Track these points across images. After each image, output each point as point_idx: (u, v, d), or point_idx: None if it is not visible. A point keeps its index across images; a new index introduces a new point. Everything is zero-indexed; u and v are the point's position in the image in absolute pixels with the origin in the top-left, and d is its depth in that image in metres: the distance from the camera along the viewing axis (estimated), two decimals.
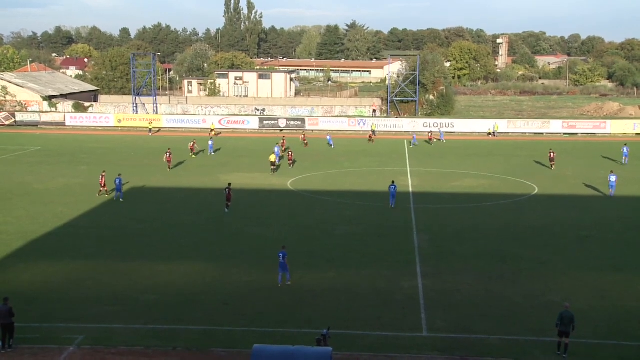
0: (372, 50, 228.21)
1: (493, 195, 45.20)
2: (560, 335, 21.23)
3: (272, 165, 52.74)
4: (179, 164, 56.48)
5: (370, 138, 72.76)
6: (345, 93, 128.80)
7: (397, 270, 29.31)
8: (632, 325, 23.43)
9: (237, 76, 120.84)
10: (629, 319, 23.98)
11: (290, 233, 35.49)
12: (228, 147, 66.01)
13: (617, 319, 24.00)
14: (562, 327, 21.16)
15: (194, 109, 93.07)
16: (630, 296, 26.27)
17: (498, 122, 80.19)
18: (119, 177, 43.31)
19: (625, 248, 32.83)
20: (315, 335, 20.16)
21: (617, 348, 21.73)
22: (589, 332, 22.78)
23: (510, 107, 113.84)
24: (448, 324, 23.66)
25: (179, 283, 27.60)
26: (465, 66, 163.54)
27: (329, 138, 68.77)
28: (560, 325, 21.21)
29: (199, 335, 22.59)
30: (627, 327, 23.26)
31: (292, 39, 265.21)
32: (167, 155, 54.26)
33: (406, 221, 37.81)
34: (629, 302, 25.63)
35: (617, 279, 28.26)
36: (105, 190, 43.91)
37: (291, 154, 56.34)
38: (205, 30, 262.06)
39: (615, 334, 22.71)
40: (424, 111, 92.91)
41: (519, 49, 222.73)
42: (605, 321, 23.84)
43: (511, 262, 30.54)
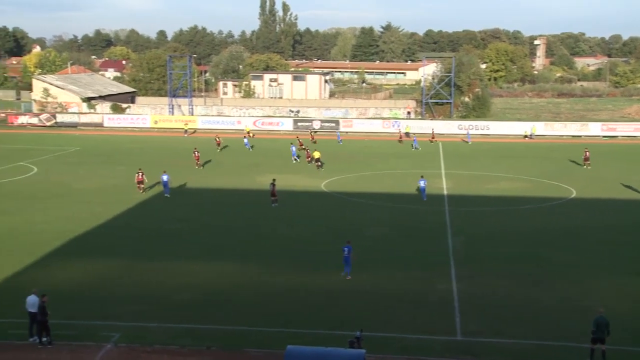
0: (407, 52, 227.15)
1: (529, 198, 44.66)
2: (594, 342, 20.79)
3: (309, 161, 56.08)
4: (214, 165, 57.02)
5: (401, 139, 72.29)
6: (379, 95, 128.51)
7: (431, 273, 29.15)
8: None
9: (271, 78, 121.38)
10: None
11: (323, 234, 35.54)
12: (262, 148, 66.35)
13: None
14: (598, 333, 20.77)
15: (228, 111, 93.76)
16: None
17: (536, 125, 79.20)
18: (165, 173, 44.85)
19: None
20: (347, 337, 20.17)
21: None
22: (626, 339, 22.38)
23: (547, 110, 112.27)
24: (482, 327, 23.45)
25: (213, 283, 27.85)
26: (501, 68, 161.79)
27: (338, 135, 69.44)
28: (596, 332, 20.80)
29: (232, 335, 22.75)
30: None
31: (327, 40, 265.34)
32: (195, 154, 56.07)
33: (440, 223, 37.58)
34: None
35: None
36: (143, 188, 44.82)
37: (308, 151, 57.55)
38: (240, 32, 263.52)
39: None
40: (459, 113, 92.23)
41: (557, 50, 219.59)
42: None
43: (547, 266, 30.15)
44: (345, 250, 28.30)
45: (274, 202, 41.48)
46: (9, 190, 46.13)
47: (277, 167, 56.40)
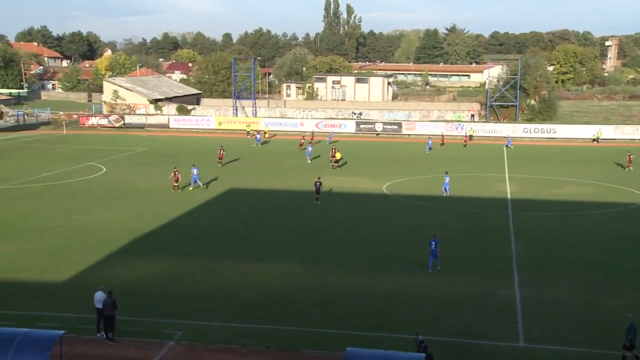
0: (472, 54, 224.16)
1: (596, 203, 43.42)
2: (626, 348, 20.34)
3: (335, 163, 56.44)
4: (275, 166, 57.66)
5: (465, 142, 71.34)
6: (443, 97, 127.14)
7: (493, 278, 28.70)
8: None
9: (334, 80, 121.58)
10: None
11: (384, 237, 35.43)
12: (325, 150, 66.61)
13: None
14: (628, 339, 20.34)
15: (292, 112, 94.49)
16: None
17: (602, 128, 76.95)
18: (194, 167, 47.61)
19: None
20: (406, 341, 20.06)
21: None
22: None
23: (617, 112, 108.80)
24: (545, 334, 22.95)
25: (273, 283, 28.12)
26: (569, 70, 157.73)
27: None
28: (627, 339, 20.33)
29: (291, 335, 22.92)
30: None
31: (391, 42, 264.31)
32: (220, 152, 58.09)
33: (503, 227, 36.94)
34: None
35: None
36: (177, 187, 46.28)
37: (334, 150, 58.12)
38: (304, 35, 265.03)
39: None
40: (524, 116, 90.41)
41: (630, 51, 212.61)
42: None
43: (614, 273, 29.26)
44: (433, 244, 29.46)
45: (317, 199, 42.88)
46: (79, 189, 47.70)
47: (338, 169, 56.47)
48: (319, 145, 68.22)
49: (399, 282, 28.19)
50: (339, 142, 71.98)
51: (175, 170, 47.19)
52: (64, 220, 38.55)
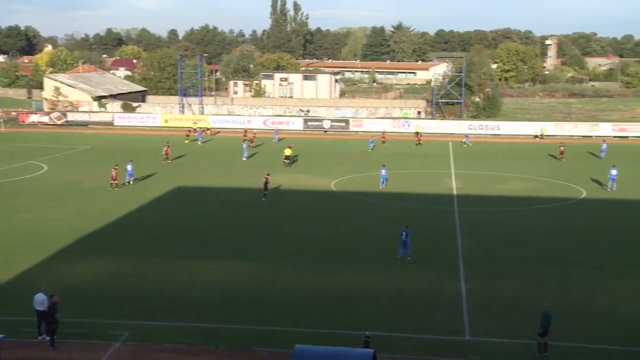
0: (418, 52, 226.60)
1: (540, 198, 44.49)
2: (541, 335, 21.06)
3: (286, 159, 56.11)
4: (224, 164, 57.24)
5: (419, 141, 71.29)
6: (390, 94, 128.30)
7: (441, 273, 29.12)
8: None
9: (282, 77, 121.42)
10: None
11: (335, 234, 35.57)
12: (273, 148, 66.40)
13: None
14: (543, 326, 21.05)
15: (239, 110, 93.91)
16: None
17: (546, 125, 78.87)
18: (130, 162, 47.79)
19: None
20: (357, 338, 20.21)
21: None
22: (636, 340, 22.28)
23: (558, 110, 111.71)
24: (491, 328, 23.41)
25: (224, 282, 27.93)
26: (512, 68, 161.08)
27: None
28: (543, 327, 21.05)
29: (242, 333, 22.81)
30: None
31: (338, 40, 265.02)
32: (166, 148, 58.07)
33: (450, 224, 37.50)
34: None
35: None
36: (116, 184, 45.84)
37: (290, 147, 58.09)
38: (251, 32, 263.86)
39: None
40: (469, 113, 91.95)
41: (569, 50, 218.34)
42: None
43: (558, 267, 30.04)
44: (403, 235, 30.50)
45: (264, 196, 42.97)
46: (21, 188, 46.40)
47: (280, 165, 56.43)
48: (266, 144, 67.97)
49: (349, 279, 28.34)
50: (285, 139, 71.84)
51: (116, 167, 46.54)
52: (7, 219, 37.50)
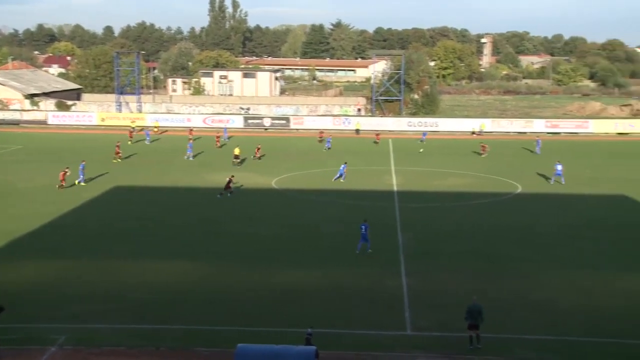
0: (357, 50, 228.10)
1: (477, 194, 45.41)
2: (470, 328, 21.50)
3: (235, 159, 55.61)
4: (161, 163, 56.42)
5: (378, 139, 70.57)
6: (330, 92, 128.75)
7: (382, 269, 29.40)
8: (615, 324, 23.65)
9: (221, 75, 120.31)
10: (612, 317, 24.21)
11: (277, 232, 35.51)
12: (209, 146, 65.77)
13: (600, 317, 24.21)
14: (471, 320, 21.46)
15: (178, 108, 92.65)
16: (613, 294, 26.51)
17: (484, 121, 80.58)
18: (82, 162, 47.06)
19: (608, 246, 33.14)
20: (300, 335, 20.22)
21: (600, 345, 21.93)
22: (573, 330, 23.02)
23: (494, 107, 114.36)
24: (432, 322, 23.77)
25: (166, 282, 27.53)
26: (449, 65, 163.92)
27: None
28: (469, 319, 21.48)
29: (183, 334, 22.53)
30: (610, 325, 23.48)
31: (277, 37, 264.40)
32: (117, 148, 57.46)
33: (391, 220, 37.90)
34: (613, 300, 25.87)
35: (601, 278, 28.49)
36: (62, 186, 44.83)
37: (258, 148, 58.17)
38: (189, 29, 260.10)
39: (599, 332, 22.91)
40: (408, 110, 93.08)
41: (503, 48, 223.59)
42: (589, 319, 24.06)
43: (496, 261, 30.71)
44: (363, 228, 30.86)
45: (221, 194, 42.61)
46: None
47: (228, 165, 56.03)
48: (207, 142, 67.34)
49: (292, 277, 28.35)
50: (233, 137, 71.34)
51: (66, 169, 45.52)
52: None
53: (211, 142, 66.96)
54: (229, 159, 56.91)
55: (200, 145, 65.05)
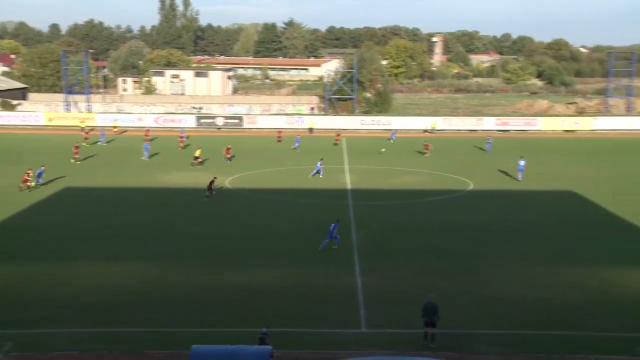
0: (310, 48, 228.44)
1: (430, 191, 45.90)
2: (426, 325, 21.76)
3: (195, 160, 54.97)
4: (114, 164, 55.50)
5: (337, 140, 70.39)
6: (283, 91, 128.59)
7: (336, 267, 29.46)
8: (563, 316, 24.19)
9: (173, 74, 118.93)
10: (560, 310, 24.75)
11: (230, 232, 35.28)
12: (165, 147, 64.99)
13: (549, 310, 24.73)
14: (427, 317, 21.73)
15: (129, 108, 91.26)
16: (562, 287, 27.11)
17: (436, 119, 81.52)
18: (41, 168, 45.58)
19: (557, 241, 33.86)
20: (256, 335, 20.10)
21: (549, 337, 22.39)
22: (522, 324, 23.45)
23: (445, 105, 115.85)
24: (387, 319, 23.92)
25: (118, 284, 27.07)
26: (401, 64, 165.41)
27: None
28: (425, 316, 21.77)
29: (137, 336, 22.19)
30: (558, 318, 24.00)
31: (229, 36, 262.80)
32: (75, 149, 56.42)
33: (344, 218, 37.98)
34: (561, 293, 26.45)
35: (550, 271, 29.07)
36: (27, 186, 43.79)
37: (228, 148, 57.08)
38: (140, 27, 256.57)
39: (549, 325, 23.39)
40: (361, 109, 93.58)
41: (454, 47, 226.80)
42: (539, 312, 24.55)
43: (448, 257, 31.09)
44: (332, 227, 31.45)
45: (206, 196, 42.15)
46: None
47: (181, 165, 55.46)
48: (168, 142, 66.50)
49: (246, 277, 28.19)
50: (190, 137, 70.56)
51: (29, 171, 44.45)
52: None
53: (170, 142, 66.24)
54: (186, 159, 56.37)
55: (160, 145, 64.28)
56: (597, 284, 27.44)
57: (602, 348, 21.44)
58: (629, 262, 30.36)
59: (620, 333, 22.61)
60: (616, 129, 79.86)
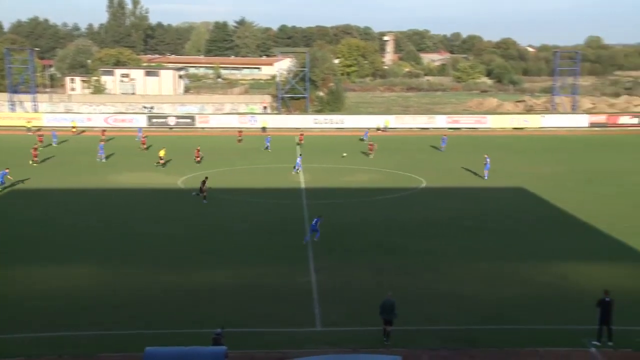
0: (262, 47, 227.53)
1: (383, 189, 46.21)
2: (385, 323, 21.91)
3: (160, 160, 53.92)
4: (68, 165, 54.33)
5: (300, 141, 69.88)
6: (235, 90, 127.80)
7: (291, 267, 29.41)
8: (515, 311, 24.62)
9: (123, 73, 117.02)
10: (513, 305, 25.18)
11: (184, 231, 34.91)
12: (116, 147, 63.90)
13: (502, 305, 25.13)
14: (385, 315, 21.91)
15: (77, 107, 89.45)
16: (514, 283, 27.58)
17: (389, 118, 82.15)
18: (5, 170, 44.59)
19: (509, 237, 34.46)
20: (211, 335, 19.90)
21: (499, 332, 22.76)
22: (477, 319, 23.77)
23: (397, 103, 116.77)
24: (341, 317, 23.98)
25: (69, 287, 26.53)
26: (353, 63, 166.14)
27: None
28: (383, 314, 21.94)
29: (88, 340, 21.75)
30: (510, 313, 24.42)
31: (180, 35, 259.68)
32: (33, 150, 55.36)
33: (299, 217, 37.99)
34: (513, 288, 26.92)
35: (503, 267, 29.54)
36: None
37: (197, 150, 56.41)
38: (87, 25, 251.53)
39: (501, 319, 23.78)
40: (314, 107, 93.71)
41: (405, 46, 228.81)
42: (490, 307, 24.93)
43: (402, 254, 31.33)
44: (314, 221, 32.70)
45: (204, 198, 41.56)
46: None
47: (132, 165, 54.65)
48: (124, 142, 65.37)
49: (200, 277, 27.92)
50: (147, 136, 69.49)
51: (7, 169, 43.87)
52: None
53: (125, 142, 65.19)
54: (142, 159, 55.53)
55: (115, 146, 63.18)
56: (547, 277, 28.03)
57: (550, 341, 21.91)
58: (578, 257, 31.08)
59: (567, 326, 23.14)
60: (563, 126, 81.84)
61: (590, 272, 28.78)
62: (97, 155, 56.89)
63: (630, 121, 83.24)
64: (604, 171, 52.88)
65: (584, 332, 22.18)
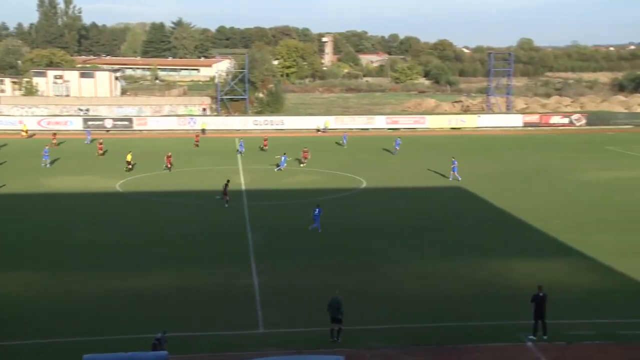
0: (200, 49, 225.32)
1: (324, 190, 46.40)
2: (332, 321, 22.11)
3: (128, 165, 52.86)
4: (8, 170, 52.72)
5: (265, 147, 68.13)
6: (174, 92, 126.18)
7: (233, 269, 29.28)
8: (454, 308, 25.13)
9: (56, 74, 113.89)
10: (454, 303, 25.67)
11: (123, 236, 34.33)
12: (84, 150, 62.31)
13: (443, 304, 25.60)
14: (332, 313, 22.15)
15: (8, 110, 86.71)
16: (455, 281, 28.12)
17: (328, 119, 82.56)
18: None
19: (450, 236, 35.10)
20: (152, 340, 19.64)
21: (440, 330, 23.20)
22: (419, 317, 24.16)
23: (337, 104, 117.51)
24: (284, 319, 24.02)
25: (6, 295, 25.72)
26: (292, 64, 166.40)
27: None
28: (330, 312, 22.17)
29: (25, 350, 21.17)
30: (450, 310, 24.91)
31: (116, 36, 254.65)
32: None
33: (240, 219, 37.83)
34: (454, 286, 27.44)
35: (444, 265, 30.05)
36: None
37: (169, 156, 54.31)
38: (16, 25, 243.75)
39: (443, 317, 24.22)
40: (254, 109, 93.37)
41: (343, 47, 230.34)
42: (430, 305, 25.37)
43: (345, 254, 31.55)
44: (316, 211, 34.45)
45: (227, 201, 40.92)
46: None
47: (68, 168, 53.37)
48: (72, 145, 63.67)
49: (139, 281, 27.52)
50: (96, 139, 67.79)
51: None
52: None
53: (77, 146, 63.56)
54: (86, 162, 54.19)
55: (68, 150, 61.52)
56: (485, 275, 28.70)
57: (489, 337, 22.45)
58: (514, 254, 31.93)
59: (505, 321, 23.76)
60: (498, 126, 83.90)
61: (524, 268, 29.61)
62: (41, 160, 55.05)
63: (561, 121, 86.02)
64: (537, 170, 54.46)
65: (520, 327, 22.83)
